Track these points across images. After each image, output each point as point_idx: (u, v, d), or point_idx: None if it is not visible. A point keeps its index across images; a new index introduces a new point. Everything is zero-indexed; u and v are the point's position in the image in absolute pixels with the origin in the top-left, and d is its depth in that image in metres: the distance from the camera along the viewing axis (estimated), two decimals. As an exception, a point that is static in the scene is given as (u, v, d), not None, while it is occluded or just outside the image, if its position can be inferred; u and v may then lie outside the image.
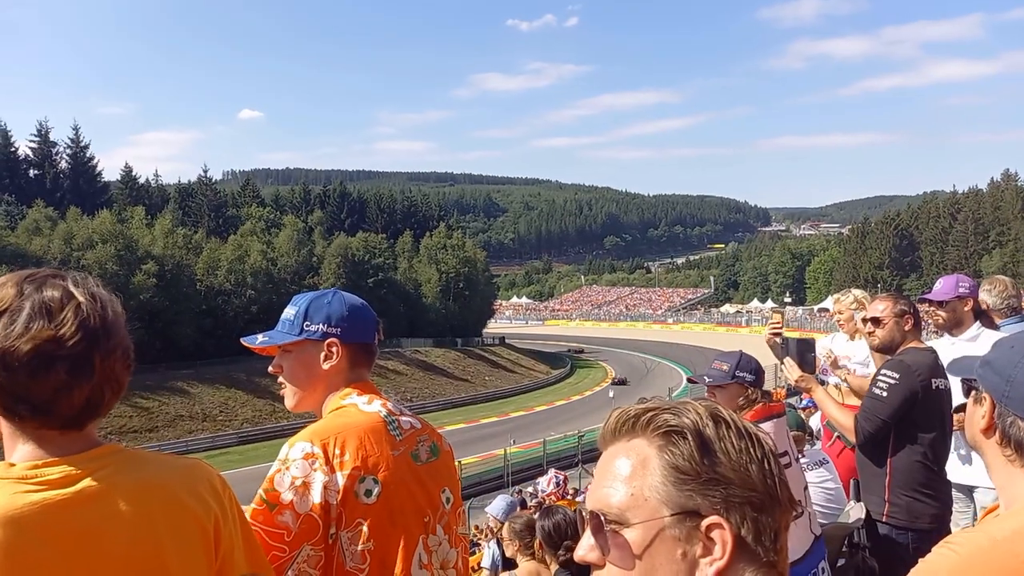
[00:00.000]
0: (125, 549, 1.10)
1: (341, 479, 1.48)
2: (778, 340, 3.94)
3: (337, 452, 1.50)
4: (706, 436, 0.82)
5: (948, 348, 3.25)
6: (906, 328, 3.04)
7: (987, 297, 3.68)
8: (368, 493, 1.50)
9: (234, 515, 1.28)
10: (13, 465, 1.08)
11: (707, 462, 0.80)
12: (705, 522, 0.79)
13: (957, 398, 2.58)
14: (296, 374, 1.69)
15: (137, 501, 1.13)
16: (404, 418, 1.67)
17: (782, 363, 3.35)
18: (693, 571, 0.78)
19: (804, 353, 3.30)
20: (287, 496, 1.44)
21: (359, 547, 1.48)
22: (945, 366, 2.84)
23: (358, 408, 1.62)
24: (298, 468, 1.47)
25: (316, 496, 1.45)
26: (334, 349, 1.65)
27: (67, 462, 1.09)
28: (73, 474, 1.09)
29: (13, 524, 1.01)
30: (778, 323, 3.99)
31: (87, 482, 1.09)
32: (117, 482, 1.12)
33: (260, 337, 1.73)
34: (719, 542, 0.78)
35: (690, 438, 0.81)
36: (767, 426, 2.70)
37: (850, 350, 4.14)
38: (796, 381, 3.27)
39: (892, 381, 2.88)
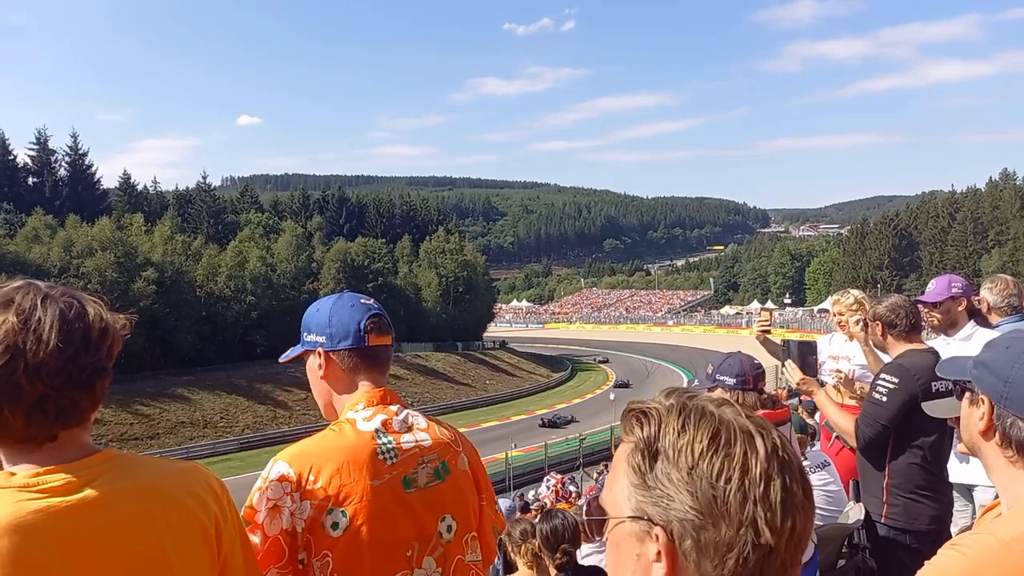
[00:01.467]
0: (129, 552, 1.12)
1: (308, 508, 1.45)
2: (769, 336, 3.97)
3: (311, 479, 1.46)
4: (658, 446, 0.80)
5: (943, 348, 3.25)
6: (878, 333, 3.06)
7: (988, 295, 3.66)
8: (335, 526, 1.45)
9: (233, 518, 1.30)
10: (14, 474, 1.10)
11: (653, 473, 0.79)
12: (654, 530, 0.79)
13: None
14: (311, 384, 1.69)
15: (139, 505, 1.15)
16: (409, 436, 1.59)
17: (783, 365, 3.36)
18: (648, 572, 0.79)
19: (806, 356, 3.30)
20: (260, 516, 1.43)
21: None
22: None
23: (354, 426, 1.57)
24: (272, 490, 1.45)
25: (284, 521, 1.43)
26: (322, 358, 1.63)
27: (67, 469, 1.11)
28: (74, 481, 1.11)
29: (18, 532, 1.03)
30: (766, 320, 4.03)
31: (88, 488, 1.11)
32: (118, 487, 1.14)
33: (288, 352, 1.74)
34: (664, 552, 0.78)
35: (641, 446, 0.81)
36: None
37: (848, 350, 4.15)
38: (798, 384, 3.27)
39: (891, 385, 2.87)
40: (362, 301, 1.66)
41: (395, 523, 1.51)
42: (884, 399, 2.88)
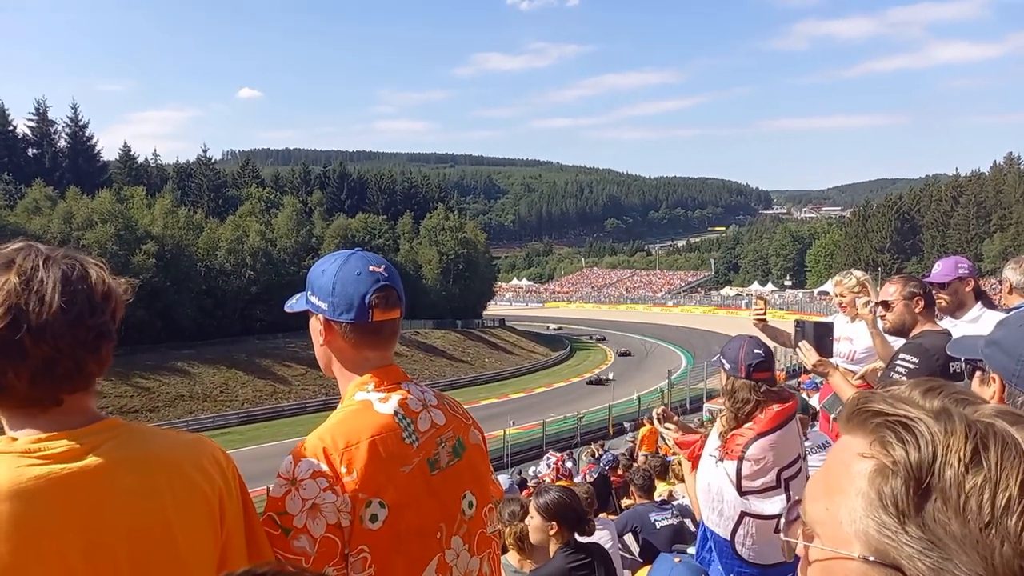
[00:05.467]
0: (131, 522, 1.10)
1: (349, 502, 1.37)
2: (769, 323, 3.93)
3: (344, 470, 1.38)
4: (932, 481, 0.58)
5: (950, 330, 3.23)
6: (916, 310, 3.00)
7: (1012, 275, 3.56)
8: (374, 518, 1.38)
9: (237, 491, 1.28)
10: (15, 439, 1.07)
11: (923, 513, 0.58)
12: None
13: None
14: (313, 342, 1.58)
15: (142, 474, 1.13)
16: (425, 415, 1.53)
17: (797, 347, 3.31)
18: None
19: (822, 337, 3.23)
20: (300, 520, 1.34)
21: (360, 575, 1.39)
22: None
23: (372, 408, 1.48)
24: (307, 489, 1.36)
25: (330, 517, 1.35)
26: (323, 325, 1.52)
27: (70, 436, 1.09)
28: (77, 448, 1.08)
29: (20, 497, 1.01)
30: (761, 309, 4.00)
31: (92, 455, 1.09)
32: (122, 455, 1.12)
33: (291, 300, 1.61)
34: None
35: (903, 473, 0.60)
36: (771, 439, 2.66)
37: (851, 331, 4.12)
38: (813, 366, 3.22)
39: (911, 365, 2.83)
40: (371, 268, 1.51)
41: (426, 508, 1.46)
42: (904, 379, 2.82)
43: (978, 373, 1.24)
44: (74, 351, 1.08)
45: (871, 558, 0.60)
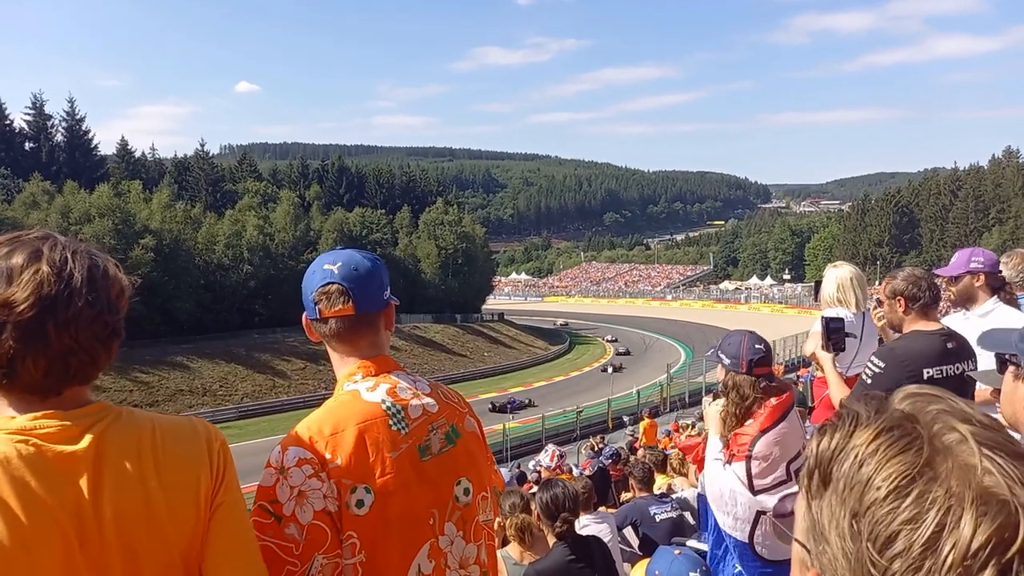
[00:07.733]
0: (120, 503, 1.11)
1: (335, 488, 1.40)
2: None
3: (329, 457, 1.40)
4: (832, 470, 0.58)
5: (961, 323, 3.16)
6: (899, 310, 2.91)
7: (1004, 270, 3.56)
8: (360, 504, 1.40)
9: (229, 476, 1.27)
10: (13, 418, 1.09)
11: (818, 501, 0.59)
12: (811, 570, 0.60)
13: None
14: None
15: (133, 455, 1.14)
16: (416, 402, 1.55)
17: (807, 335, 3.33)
18: None
19: (830, 329, 3.25)
20: (289, 507, 1.37)
21: (350, 561, 1.40)
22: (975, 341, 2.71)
23: (360, 396, 1.51)
24: (294, 476, 1.39)
25: (316, 503, 1.38)
26: (304, 323, 1.60)
27: (63, 417, 1.10)
28: (71, 428, 1.10)
29: (12, 477, 1.02)
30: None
31: (84, 437, 1.10)
32: (114, 436, 1.13)
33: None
34: None
35: (812, 463, 0.61)
36: (774, 433, 2.64)
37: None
38: (810, 356, 3.24)
39: (877, 370, 2.76)
40: (325, 266, 1.57)
41: (416, 494, 1.48)
42: (869, 382, 2.79)
43: (1011, 368, 1.18)
44: (91, 345, 1.11)
45: (798, 536, 0.62)
